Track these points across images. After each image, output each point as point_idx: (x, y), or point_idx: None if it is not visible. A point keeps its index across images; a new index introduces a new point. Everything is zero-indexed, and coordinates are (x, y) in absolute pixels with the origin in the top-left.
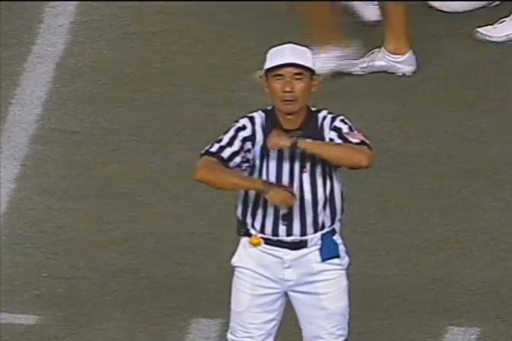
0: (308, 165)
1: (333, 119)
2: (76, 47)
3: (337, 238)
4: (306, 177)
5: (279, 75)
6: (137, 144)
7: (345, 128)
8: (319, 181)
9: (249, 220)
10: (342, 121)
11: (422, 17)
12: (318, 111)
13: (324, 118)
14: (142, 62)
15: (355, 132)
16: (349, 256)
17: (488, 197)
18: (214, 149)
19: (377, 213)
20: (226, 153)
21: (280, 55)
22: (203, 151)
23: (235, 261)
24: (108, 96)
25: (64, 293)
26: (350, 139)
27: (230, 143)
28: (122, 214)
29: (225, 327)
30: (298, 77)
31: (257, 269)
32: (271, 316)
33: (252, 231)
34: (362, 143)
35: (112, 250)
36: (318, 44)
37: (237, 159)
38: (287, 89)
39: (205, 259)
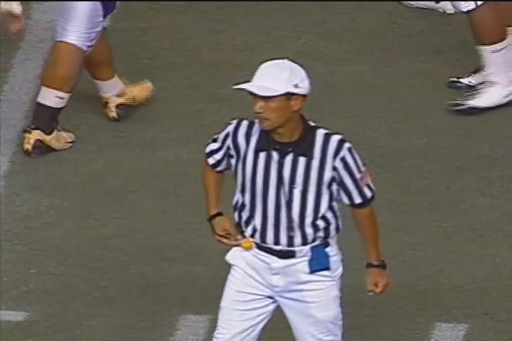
0: (300, 182)
1: (339, 144)
2: None
3: (330, 250)
4: (296, 193)
5: (252, 94)
6: (125, 141)
7: (354, 168)
8: (310, 198)
9: (242, 224)
10: (349, 150)
11: (410, 14)
12: (317, 127)
13: (327, 138)
14: (131, 59)
15: (363, 169)
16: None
17: (476, 193)
18: (207, 151)
19: None
20: (211, 161)
21: (257, 74)
22: (206, 150)
23: (228, 257)
24: (96, 93)
25: (52, 290)
26: (365, 191)
27: (216, 150)
28: (111, 210)
29: (214, 323)
30: (267, 99)
31: (247, 270)
32: (253, 319)
33: (246, 234)
34: (369, 189)
35: (100, 246)
36: None
37: (223, 164)
38: (256, 109)
39: (193, 256)
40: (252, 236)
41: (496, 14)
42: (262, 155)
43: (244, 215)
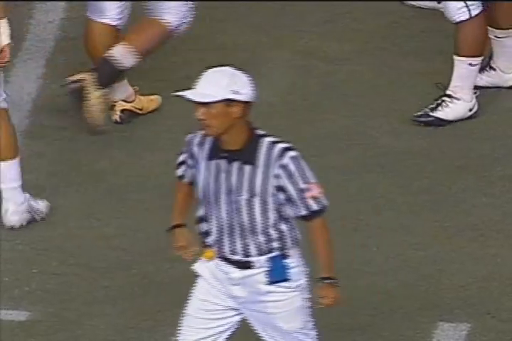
0: (246, 190)
1: (282, 152)
2: (66, 43)
3: (291, 261)
4: (243, 202)
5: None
6: (128, 141)
7: (298, 177)
8: (257, 207)
9: (203, 235)
10: (293, 159)
11: (411, 14)
12: (264, 135)
13: (272, 146)
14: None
15: (311, 180)
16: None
17: (477, 193)
18: (177, 162)
19: (368, 209)
20: (179, 172)
21: (199, 81)
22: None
23: (195, 267)
24: None
25: (54, 289)
26: (310, 203)
27: (182, 162)
28: (113, 210)
29: None
30: (207, 105)
31: (211, 280)
32: (216, 328)
33: (208, 245)
34: (316, 202)
35: (102, 246)
36: None
37: (188, 176)
38: (197, 116)
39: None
40: (213, 246)
41: (485, 28)
42: (213, 164)
43: (204, 226)
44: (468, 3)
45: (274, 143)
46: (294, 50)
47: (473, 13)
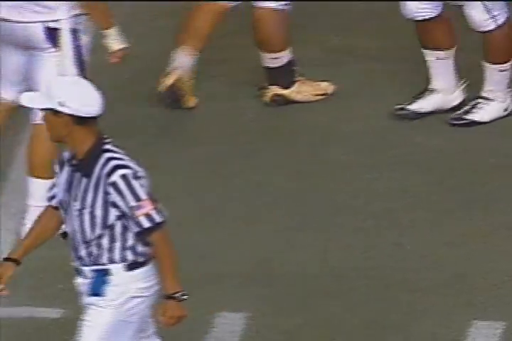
0: (79, 201)
1: (112, 170)
2: (100, 41)
3: (114, 279)
4: (76, 212)
5: None
6: (161, 139)
7: (128, 195)
8: (86, 219)
9: None
10: (124, 177)
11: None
12: (107, 150)
13: (106, 162)
14: (169, 56)
15: (143, 197)
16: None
17: (511, 191)
18: (48, 188)
19: (401, 207)
20: (49, 194)
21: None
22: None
23: None
24: (132, 91)
25: None
26: (142, 220)
27: (53, 186)
28: None
29: (250, 321)
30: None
31: None
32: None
33: None
34: (149, 219)
35: None
36: None
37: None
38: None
39: (228, 253)
40: None
41: (511, 35)
42: (67, 171)
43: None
44: (494, 13)
45: (110, 159)
46: (328, 47)
47: (499, 22)
